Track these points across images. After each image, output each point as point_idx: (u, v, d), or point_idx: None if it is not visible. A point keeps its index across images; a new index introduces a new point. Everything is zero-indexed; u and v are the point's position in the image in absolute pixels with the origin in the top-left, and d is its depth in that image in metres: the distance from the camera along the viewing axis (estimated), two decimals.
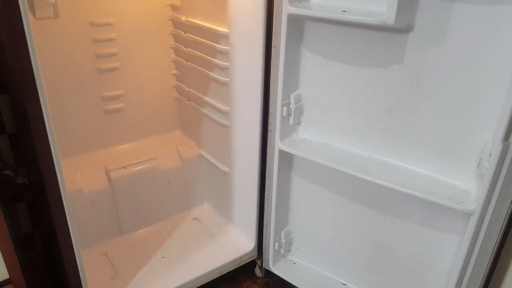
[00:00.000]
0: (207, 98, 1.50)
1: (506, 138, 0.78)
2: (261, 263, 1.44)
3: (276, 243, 1.32)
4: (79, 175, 1.43)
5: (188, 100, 1.65)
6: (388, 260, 1.14)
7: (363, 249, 1.19)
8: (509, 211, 0.86)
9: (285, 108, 1.14)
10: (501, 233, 0.89)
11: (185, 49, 1.54)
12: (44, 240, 1.45)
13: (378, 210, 1.11)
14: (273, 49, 1.12)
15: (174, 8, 1.57)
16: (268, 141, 1.24)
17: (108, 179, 1.46)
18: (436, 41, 0.86)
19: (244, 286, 1.45)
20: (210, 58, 1.39)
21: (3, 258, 1.03)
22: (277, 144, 1.18)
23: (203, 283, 1.35)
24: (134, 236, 1.53)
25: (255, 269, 1.49)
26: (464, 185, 0.92)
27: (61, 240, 1.03)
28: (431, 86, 0.91)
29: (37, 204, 1.36)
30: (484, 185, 0.83)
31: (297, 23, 1.06)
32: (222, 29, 1.31)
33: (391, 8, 0.83)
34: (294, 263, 1.36)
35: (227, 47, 1.30)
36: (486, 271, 0.94)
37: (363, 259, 1.20)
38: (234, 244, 1.47)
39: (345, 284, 1.27)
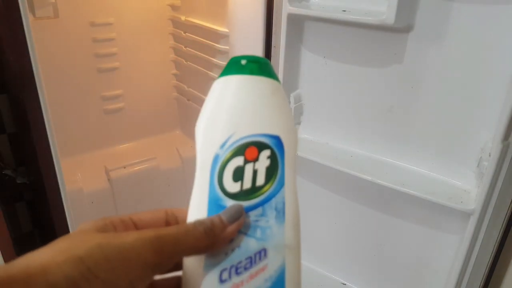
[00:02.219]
0: None
1: (506, 137, 0.78)
2: None
3: None
4: (79, 175, 1.43)
5: (188, 100, 1.65)
6: (388, 260, 1.14)
7: (363, 249, 1.19)
8: (509, 211, 0.86)
9: None
10: (501, 233, 0.89)
11: (185, 49, 1.55)
12: (44, 240, 1.44)
13: (378, 210, 1.11)
14: (273, 48, 1.12)
15: (174, 8, 1.57)
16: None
17: (108, 179, 1.46)
18: (436, 41, 0.86)
19: None
20: (210, 58, 1.39)
21: (3, 258, 1.03)
22: None
23: None
24: None
25: None
26: (464, 184, 0.92)
27: None
28: (431, 86, 0.91)
29: (37, 204, 1.37)
30: (484, 185, 0.83)
31: (297, 23, 1.06)
32: (222, 29, 1.31)
33: (391, 8, 0.83)
34: None
35: (227, 47, 1.30)
36: (486, 271, 0.94)
37: (363, 259, 1.20)
38: None
39: (345, 284, 1.27)
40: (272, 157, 0.31)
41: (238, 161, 0.31)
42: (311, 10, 1.00)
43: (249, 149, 0.31)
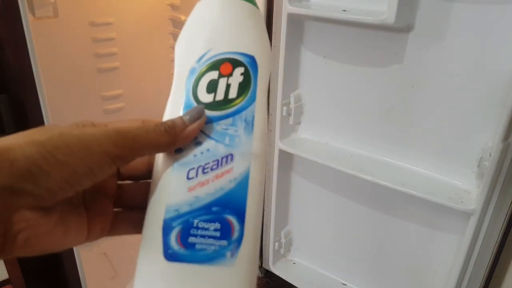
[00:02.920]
0: None
1: (506, 137, 0.78)
2: (261, 263, 1.44)
3: (276, 243, 1.32)
4: None
5: None
6: (388, 260, 1.14)
7: (363, 249, 1.19)
8: (509, 211, 0.86)
9: (285, 108, 1.14)
10: (501, 233, 0.89)
11: None
12: None
13: (378, 210, 1.11)
14: (273, 48, 1.12)
15: (173, 7, 1.57)
16: (268, 140, 1.24)
17: None
18: (436, 41, 0.86)
19: None
20: None
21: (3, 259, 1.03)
22: (277, 143, 1.17)
23: None
24: (134, 235, 1.53)
25: None
26: (464, 184, 0.92)
27: None
28: (431, 86, 0.91)
29: None
30: (484, 185, 0.83)
31: (297, 23, 1.06)
32: None
33: (391, 8, 0.83)
34: (294, 263, 1.36)
35: None
36: (486, 271, 0.94)
37: (363, 259, 1.20)
38: None
39: (345, 284, 1.27)
40: (246, 74, 0.34)
41: (213, 74, 0.34)
42: (311, 10, 1.00)
43: (224, 64, 0.34)
